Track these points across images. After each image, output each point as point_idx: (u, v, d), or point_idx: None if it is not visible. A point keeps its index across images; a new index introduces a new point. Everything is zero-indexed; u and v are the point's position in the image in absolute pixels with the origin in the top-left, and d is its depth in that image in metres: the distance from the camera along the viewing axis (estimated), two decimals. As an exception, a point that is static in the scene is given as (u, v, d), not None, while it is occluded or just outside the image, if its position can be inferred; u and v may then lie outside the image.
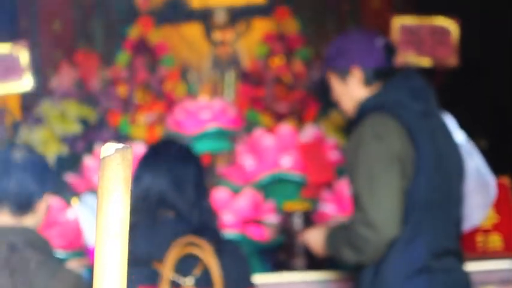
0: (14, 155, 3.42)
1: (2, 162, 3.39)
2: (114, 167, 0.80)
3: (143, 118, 6.71)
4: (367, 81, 3.87)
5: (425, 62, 6.44)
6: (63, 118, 6.69)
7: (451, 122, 3.92)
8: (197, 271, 3.31)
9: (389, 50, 3.96)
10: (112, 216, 0.80)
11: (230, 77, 6.94)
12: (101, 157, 0.83)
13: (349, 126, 3.88)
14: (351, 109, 3.91)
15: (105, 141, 5.87)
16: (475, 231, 4.53)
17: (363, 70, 3.88)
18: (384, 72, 3.88)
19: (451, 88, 6.16)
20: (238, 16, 7.19)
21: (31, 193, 3.34)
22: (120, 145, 0.81)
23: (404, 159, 3.66)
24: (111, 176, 0.80)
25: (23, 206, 3.33)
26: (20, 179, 3.33)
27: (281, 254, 4.69)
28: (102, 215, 0.80)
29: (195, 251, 3.30)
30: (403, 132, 3.68)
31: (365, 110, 3.78)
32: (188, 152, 3.62)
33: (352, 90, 3.90)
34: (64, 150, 6.57)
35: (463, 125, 4.03)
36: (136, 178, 3.59)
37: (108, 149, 0.81)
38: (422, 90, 3.85)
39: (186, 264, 3.29)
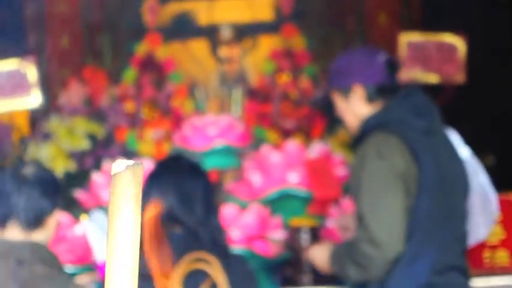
0: (25, 171, 3.47)
1: (12, 178, 3.43)
2: (125, 184, 0.82)
3: (151, 134, 6.72)
4: (370, 98, 3.89)
5: (432, 78, 6.46)
6: (71, 134, 6.71)
7: (455, 139, 3.92)
8: (205, 287, 3.34)
9: (392, 67, 3.97)
10: (123, 232, 0.82)
11: (237, 93, 6.93)
12: (112, 174, 0.83)
13: (354, 143, 3.90)
14: (354, 126, 3.92)
15: (113, 157, 5.93)
16: (481, 247, 4.53)
17: (365, 87, 3.89)
18: (387, 89, 3.89)
19: (458, 104, 6.18)
20: (244, 33, 7.19)
21: (41, 209, 3.38)
22: (131, 162, 0.83)
23: (407, 177, 3.68)
24: (122, 192, 0.81)
25: (33, 221, 3.36)
26: (30, 194, 3.37)
27: (288, 269, 4.69)
28: (113, 231, 0.81)
29: (203, 266, 3.32)
30: (406, 151, 3.69)
31: (368, 127, 3.79)
32: (196, 168, 3.65)
33: (354, 108, 3.91)
34: (72, 166, 6.58)
35: (469, 141, 4.05)
36: (144, 194, 3.62)
37: (119, 165, 0.83)
38: (425, 107, 3.86)
39: (193, 280, 3.31)
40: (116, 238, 0.81)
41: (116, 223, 0.81)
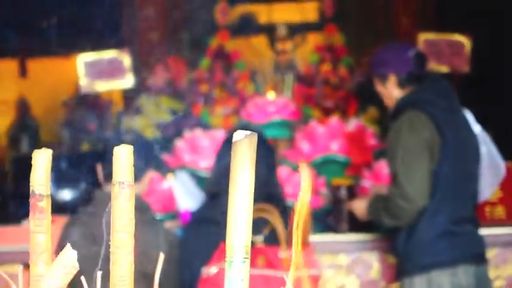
0: (126, 138, 3.45)
1: (115, 143, 3.41)
2: (244, 150, 0.80)
3: (220, 110, 6.70)
4: (401, 85, 3.84)
5: (443, 69, 6.38)
6: (157, 109, 6.71)
7: (469, 117, 3.89)
8: (266, 231, 3.31)
9: (420, 59, 3.92)
10: (243, 186, 0.79)
11: (288, 79, 6.90)
12: (233, 141, 0.83)
13: (390, 119, 3.86)
14: (390, 104, 3.89)
15: (190, 128, 5.89)
16: (484, 204, 4.50)
17: (397, 75, 3.84)
18: (416, 77, 3.83)
19: (464, 89, 6.12)
20: (296, 31, 7.16)
21: (138, 168, 3.35)
22: (248, 132, 0.81)
23: (432, 146, 3.66)
24: (241, 156, 0.80)
25: (132, 177, 3.35)
26: (129, 156, 3.35)
27: (329, 218, 4.69)
28: (235, 187, 0.80)
29: (265, 215, 3.29)
30: (432, 125, 3.67)
31: (401, 106, 3.77)
32: (261, 137, 3.61)
33: (390, 91, 3.87)
34: (157, 134, 6.59)
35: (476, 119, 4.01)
36: (219, 157, 3.59)
37: (239, 135, 0.81)
38: (447, 91, 3.83)
39: (257, 226, 3.27)
40: (236, 193, 0.78)
41: (237, 180, 0.78)
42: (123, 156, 0.79)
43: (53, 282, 0.72)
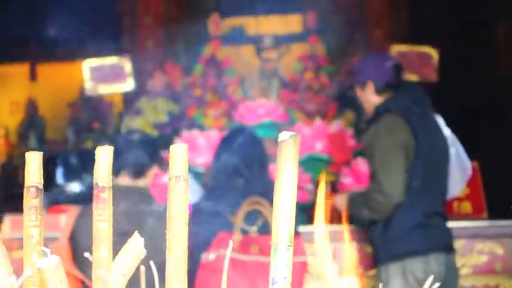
0: (132, 136, 3.45)
1: (124, 142, 3.42)
2: (289, 148, 0.80)
3: (212, 112, 6.71)
4: (379, 92, 3.83)
5: (413, 77, 6.42)
6: (155, 110, 6.71)
7: (440, 121, 3.91)
8: (259, 222, 3.32)
9: (397, 69, 3.91)
10: (288, 182, 0.80)
11: (274, 84, 6.91)
12: (279, 141, 0.82)
13: (369, 122, 3.86)
14: (369, 110, 3.90)
15: (184, 128, 5.89)
16: (452, 199, 4.53)
17: (375, 83, 3.84)
18: (392, 85, 3.83)
19: (432, 96, 6.16)
20: (281, 41, 7.17)
21: (144, 164, 3.37)
22: (293, 133, 0.82)
23: (407, 147, 3.66)
24: (287, 155, 0.80)
25: (138, 172, 3.36)
26: (136, 153, 3.36)
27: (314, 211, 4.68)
28: (280, 182, 0.80)
29: (258, 207, 3.30)
30: (407, 129, 3.67)
31: (380, 111, 3.77)
32: (255, 137, 3.62)
33: (368, 97, 3.86)
34: (155, 133, 6.59)
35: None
36: (217, 155, 3.60)
37: (284, 135, 0.82)
38: (421, 97, 3.83)
39: (251, 217, 3.29)
40: (282, 187, 0.79)
41: (283, 176, 0.79)
42: (179, 153, 0.80)
43: (122, 266, 0.73)
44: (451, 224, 3.89)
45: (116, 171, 3.38)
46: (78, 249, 3.27)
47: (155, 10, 8.35)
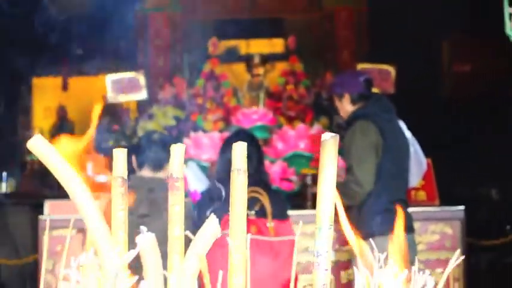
0: (153, 136, 3.43)
1: (146, 141, 3.40)
2: (330, 147, 0.79)
3: (211, 117, 6.67)
4: (353, 101, 3.83)
5: (375, 90, 6.41)
6: (165, 116, 6.68)
7: (403, 125, 3.91)
8: (257, 207, 3.31)
9: (368, 83, 3.93)
10: (330, 174, 0.79)
11: (261, 95, 6.89)
12: (322, 140, 0.81)
13: (345, 126, 3.86)
14: (345, 116, 3.89)
15: (189, 130, 5.85)
16: (411, 189, 4.54)
17: (351, 95, 3.84)
18: (364, 96, 3.84)
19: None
20: (267, 59, 7.15)
21: (163, 159, 3.35)
22: (333, 134, 0.80)
23: (377, 146, 3.66)
24: (329, 153, 0.79)
25: (158, 166, 3.33)
26: (156, 150, 3.34)
27: (298, 198, 4.68)
28: (324, 174, 0.79)
29: (256, 195, 3.30)
30: (377, 131, 3.67)
31: (355, 117, 3.77)
32: (253, 137, 3.62)
33: (345, 106, 3.86)
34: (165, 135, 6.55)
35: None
36: (222, 152, 3.58)
37: (326, 136, 0.80)
38: (387, 106, 3.85)
39: (250, 203, 3.28)
40: (325, 179, 0.78)
41: (325, 170, 0.77)
42: (239, 150, 0.79)
43: (200, 244, 0.73)
44: (410, 209, 3.91)
45: (141, 165, 3.36)
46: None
47: (164, 35, 8.35)
